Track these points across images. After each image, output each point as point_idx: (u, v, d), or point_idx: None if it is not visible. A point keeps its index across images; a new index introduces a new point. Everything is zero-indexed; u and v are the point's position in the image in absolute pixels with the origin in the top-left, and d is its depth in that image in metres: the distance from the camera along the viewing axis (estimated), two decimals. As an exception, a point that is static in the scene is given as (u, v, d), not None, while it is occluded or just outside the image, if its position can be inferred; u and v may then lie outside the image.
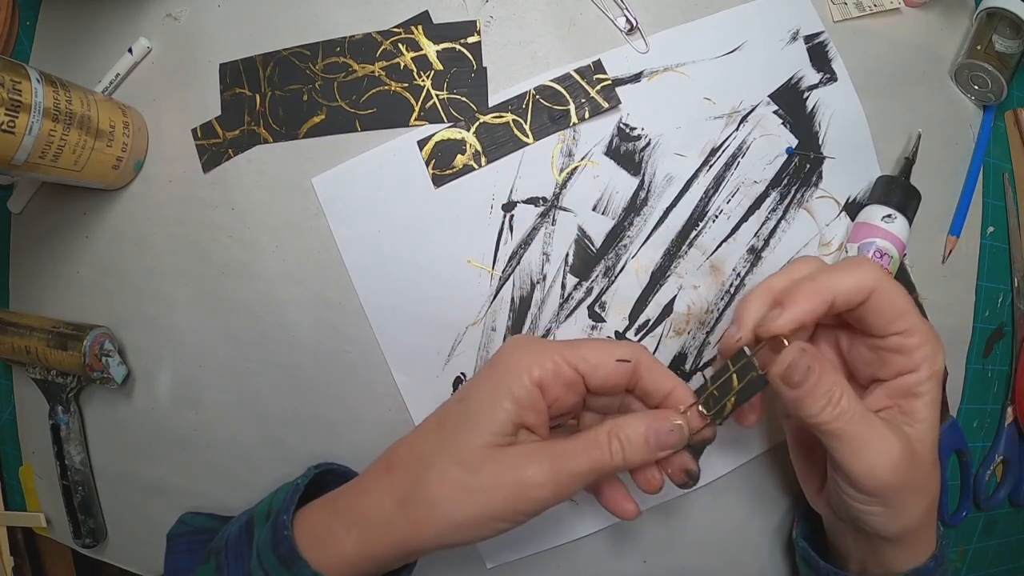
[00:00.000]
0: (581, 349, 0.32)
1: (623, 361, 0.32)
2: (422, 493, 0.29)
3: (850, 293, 0.30)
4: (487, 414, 0.30)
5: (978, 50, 0.43)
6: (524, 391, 0.30)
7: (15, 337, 0.44)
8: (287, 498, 0.32)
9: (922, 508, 0.31)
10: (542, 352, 0.31)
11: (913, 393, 0.31)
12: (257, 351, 0.42)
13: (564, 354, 0.31)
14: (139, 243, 0.44)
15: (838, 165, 0.42)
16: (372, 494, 0.31)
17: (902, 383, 0.31)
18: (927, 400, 0.31)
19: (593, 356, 0.31)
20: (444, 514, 0.29)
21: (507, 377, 0.31)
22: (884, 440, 0.29)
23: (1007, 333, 0.47)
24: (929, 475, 0.31)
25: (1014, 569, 0.49)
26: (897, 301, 0.31)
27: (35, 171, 0.37)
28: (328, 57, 0.41)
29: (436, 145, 0.40)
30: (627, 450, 0.30)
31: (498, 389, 0.30)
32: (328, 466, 0.38)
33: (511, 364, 0.31)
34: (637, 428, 0.30)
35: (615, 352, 0.32)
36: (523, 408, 0.30)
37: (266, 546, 0.31)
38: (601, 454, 0.30)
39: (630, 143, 0.40)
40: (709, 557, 0.41)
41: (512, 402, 0.30)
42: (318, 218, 0.41)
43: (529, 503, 0.29)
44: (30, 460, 0.48)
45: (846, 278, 0.31)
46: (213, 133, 0.42)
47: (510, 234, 0.40)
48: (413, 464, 0.30)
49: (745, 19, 0.41)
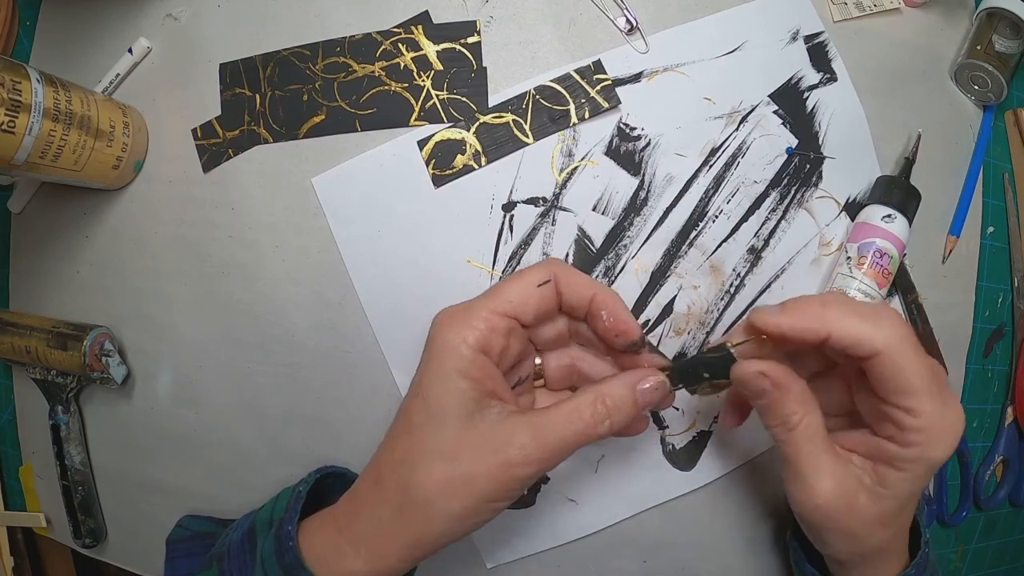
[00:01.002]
0: (502, 292, 0.31)
1: (544, 284, 0.31)
2: (414, 496, 0.29)
3: (847, 342, 0.28)
4: (446, 400, 0.29)
5: (978, 50, 0.43)
6: (469, 362, 0.30)
7: (15, 337, 0.44)
8: (290, 506, 0.32)
9: (860, 550, 0.30)
10: (468, 315, 0.30)
11: (890, 463, 0.29)
12: (257, 351, 0.42)
13: (489, 307, 0.31)
14: (139, 243, 0.44)
15: (838, 165, 0.42)
16: (368, 508, 0.30)
17: (885, 448, 0.29)
18: (904, 477, 0.29)
19: (515, 293, 0.31)
20: (441, 511, 0.29)
21: (447, 357, 0.30)
22: (823, 479, 0.29)
23: (1007, 333, 0.47)
24: (870, 531, 0.30)
25: (1014, 569, 0.49)
26: (905, 377, 0.28)
27: (35, 171, 0.37)
28: (328, 57, 0.41)
29: (436, 145, 0.40)
30: (614, 414, 0.30)
31: (444, 372, 0.30)
32: (328, 469, 0.38)
33: (446, 342, 0.30)
34: (624, 387, 0.30)
35: (532, 278, 0.31)
36: (476, 379, 0.30)
37: (270, 556, 0.30)
38: (585, 423, 0.29)
39: (630, 143, 0.40)
40: (709, 557, 0.41)
41: (463, 378, 0.29)
42: (318, 218, 0.41)
43: (518, 481, 0.29)
44: (30, 460, 0.48)
45: (852, 326, 0.28)
46: (213, 133, 0.42)
47: (510, 234, 0.40)
48: (397, 470, 0.30)
49: (745, 19, 0.41)
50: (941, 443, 0.28)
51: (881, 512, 0.30)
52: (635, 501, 0.40)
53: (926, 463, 0.29)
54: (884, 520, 0.30)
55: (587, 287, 0.32)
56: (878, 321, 0.28)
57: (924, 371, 0.28)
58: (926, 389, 0.28)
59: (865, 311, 0.29)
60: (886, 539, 0.31)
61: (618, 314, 0.32)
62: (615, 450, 0.40)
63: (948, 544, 0.46)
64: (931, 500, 0.45)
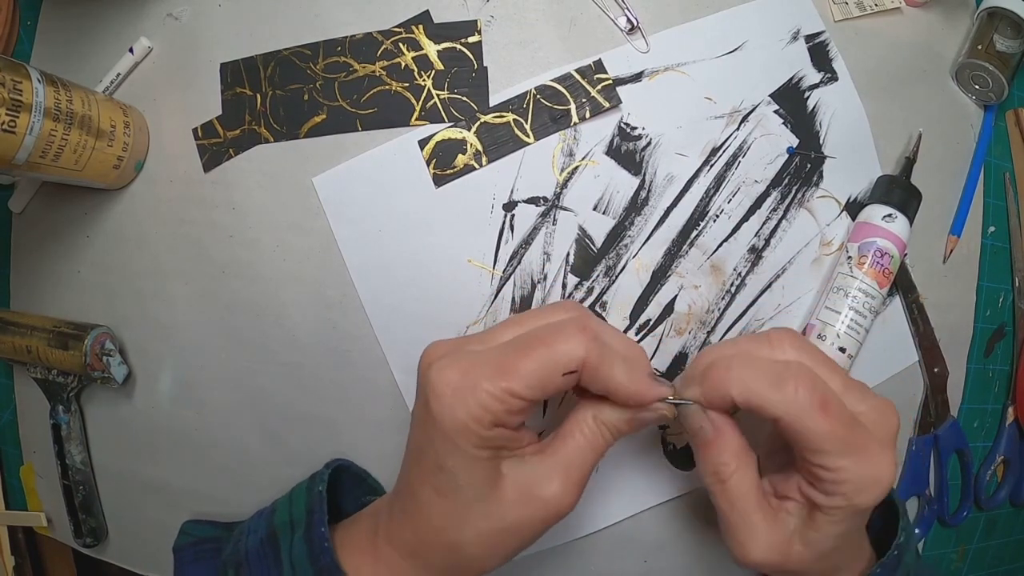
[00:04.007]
0: (521, 370, 0.27)
1: (570, 375, 0.28)
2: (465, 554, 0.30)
3: (751, 407, 0.28)
4: (470, 474, 0.28)
5: (979, 50, 0.43)
6: (487, 440, 0.28)
7: (16, 337, 0.44)
8: (315, 508, 0.33)
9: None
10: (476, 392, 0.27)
11: (820, 509, 0.29)
12: (258, 350, 0.42)
13: (504, 387, 0.27)
14: (140, 243, 0.44)
15: (839, 165, 0.42)
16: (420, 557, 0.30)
17: (813, 494, 0.29)
18: (833, 521, 0.29)
19: (536, 377, 0.27)
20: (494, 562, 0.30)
21: (461, 435, 0.28)
22: (755, 537, 0.30)
23: (1008, 333, 0.47)
24: (808, 568, 0.30)
25: (1014, 569, 0.49)
26: (810, 440, 0.27)
27: (36, 171, 0.37)
28: (329, 57, 0.41)
29: (437, 145, 0.40)
30: (615, 433, 0.31)
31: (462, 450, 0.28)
32: (336, 463, 0.38)
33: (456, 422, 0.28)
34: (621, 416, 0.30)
35: (559, 362, 0.28)
36: (495, 447, 0.29)
37: (302, 559, 0.31)
38: (594, 441, 0.31)
39: (631, 143, 0.40)
40: (709, 557, 0.41)
41: (482, 449, 0.28)
42: (319, 218, 0.41)
43: (562, 516, 0.30)
44: (31, 459, 0.48)
45: (753, 392, 0.27)
46: (214, 133, 0.42)
47: (511, 234, 0.40)
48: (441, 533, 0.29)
49: (746, 18, 0.41)
50: (864, 494, 0.28)
51: (817, 553, 0.30)
52: (635, 501, 0.40)
53: (852, 510, 0.28)
54: (821, 557, 0.30)
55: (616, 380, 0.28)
56: (781, 386, 0.27)
57: (834, 430, 0.27)
58: (838, 449, 0.27)
59: (770, 374, 0.28)
60: (831, 565, 0.31)
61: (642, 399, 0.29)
62: (615, 450, 0.40)
63: (948, 544, 0.46)
64: (931, 500, 0.45)
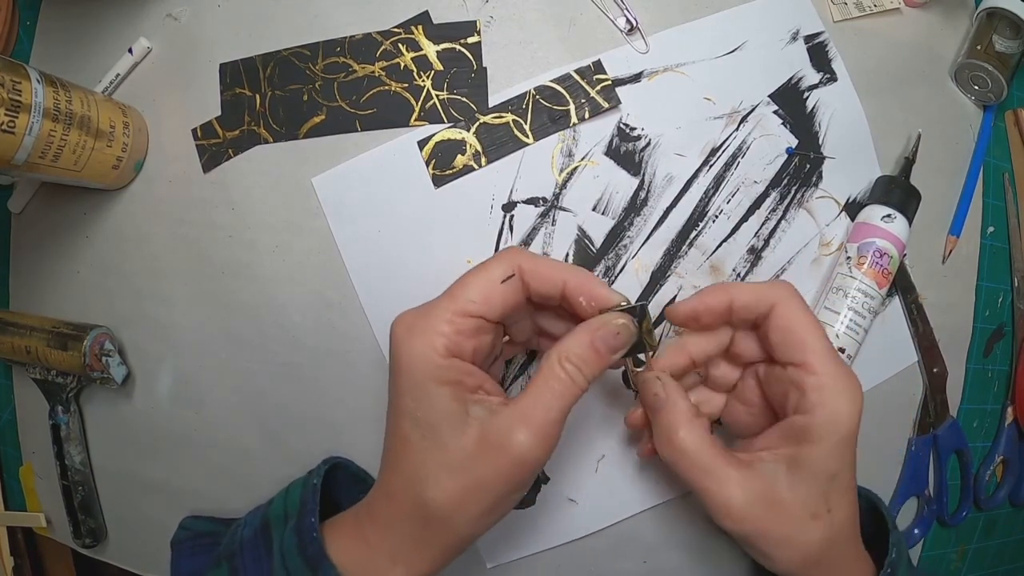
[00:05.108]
0: (463, 292, 0.30)
1: (508, 279, 0.30)
2: (433, 512, 0.29)
3: (749, 298, 0.31)
4: (432, 414, 0.29)
5: (978, 50, 0.43)
6: (443, 370, 0.29)
7: (15, 337, 0.44)
8: (308, 500, 0.32)
9: (803, 554, 0.29)
10: (430, 321, 0.29)
11: (803, 438, 0.29)
12: (257, 351, 0.42)
13: (452, 309, 0.29)
14: (139, 243, 0.44)
15: (838, 165, 0.42)
16: (394, 525, 0.30)
17: (793, 424, 0.30)
18: (818, 452, 0.29)
19: (477, 291, 0.30)
20: (462, 521, 0.29)
21: (418, 369, 0.29)
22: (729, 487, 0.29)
23: (1007, 333, 0.47)
24: (802, 527, 0.29)
25: (1014, 569, 0.49)
26: (800, 326, 0.30)
27: (35, 171, 0.37)
28: (328, 57, 0.41)
29: (436, 145, 0.40)
30: (583, 369, 0.29)
31: (421, 384, 0.29)
32: (333, 460, 0.38)
33: (414, 354, 0.29)
34: (582, 343, 0.29)
35: (494, 274, 0.30)
36: (454, 383, 0.29)
37: (292, 549, 0.30)
38: (562, 386, 0.29)
39: (630, 143, 0.40)
40: (709, 557, 0.41)
41: (442, 386, 0.29)
42: (318, 218, 0.41)
43: (529, 468, 0.29)
44: (30, 460, 0.48)
45: (749, 290, 0.32)
46: (213, 133, 0.42)
47: (510, 234, 0.40)
48: (408, 489, 0.29)
49: (745, 19, 0.41)
50: (843, 401, 0.29)
51: (805, 499, 0.29)
52: (635, 501, 0.40)
53: (834, 428, 0.29)
54: (811, 508, 0.29)
55: (555, 273, 0.31)
56: (772, 285, 0.32)
57: (818, 330, 0.30)
58: (821, 347, 0.30)
59: (761, 283, 0.34)
60: (824, 537, 0.29)
61: (597, 295, 0.31)
62: (615, 450, 0.40)
63: (948, 544, 0.46)
64: (931, 500, 0.44)
